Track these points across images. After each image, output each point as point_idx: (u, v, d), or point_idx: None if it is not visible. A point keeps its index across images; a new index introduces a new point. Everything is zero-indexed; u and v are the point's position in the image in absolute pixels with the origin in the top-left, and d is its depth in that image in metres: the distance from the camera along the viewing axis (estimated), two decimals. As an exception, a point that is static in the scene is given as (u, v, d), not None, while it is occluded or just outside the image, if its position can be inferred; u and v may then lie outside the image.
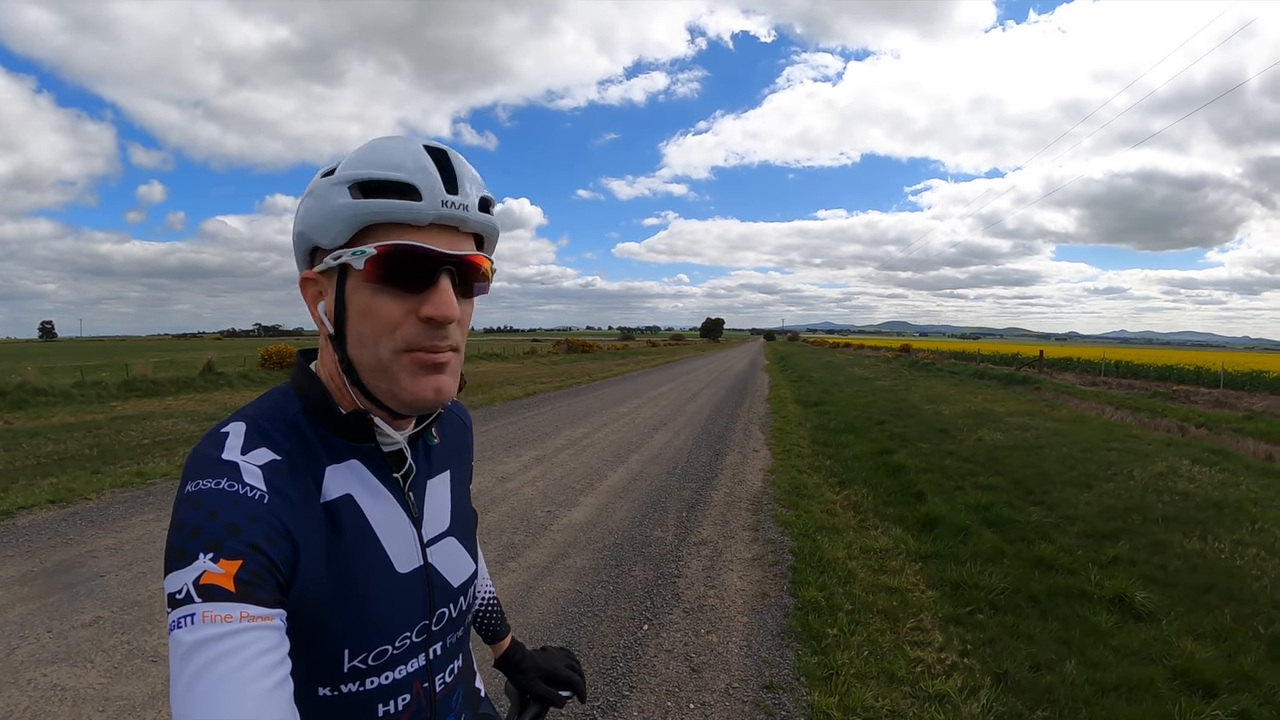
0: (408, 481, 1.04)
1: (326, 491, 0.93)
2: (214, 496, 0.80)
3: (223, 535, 0.77)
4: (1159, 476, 9.09)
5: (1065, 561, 5.62)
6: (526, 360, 43.55)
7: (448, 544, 1.09)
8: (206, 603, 0.72)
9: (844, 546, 6.04)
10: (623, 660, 4.06)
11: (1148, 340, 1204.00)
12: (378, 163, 0.88)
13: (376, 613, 0.95)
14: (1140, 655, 4.11)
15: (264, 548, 0.79)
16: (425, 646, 1.04)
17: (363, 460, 0.98)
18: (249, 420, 0.91)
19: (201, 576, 0.74)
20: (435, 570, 1.05)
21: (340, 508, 0.93)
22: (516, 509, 7.24)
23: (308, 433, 0.95)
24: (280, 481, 0.86)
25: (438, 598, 1.05)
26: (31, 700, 3.52)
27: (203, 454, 0.86)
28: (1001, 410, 16.86)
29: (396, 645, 0.98)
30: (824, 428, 13.77)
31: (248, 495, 0.81)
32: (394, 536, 0.99)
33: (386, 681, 0.97)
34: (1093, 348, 62.70)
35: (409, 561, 1.00)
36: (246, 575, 0.75)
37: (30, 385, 17.40)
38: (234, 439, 0.88)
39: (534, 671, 1.41)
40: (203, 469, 0.83)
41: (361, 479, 0.97)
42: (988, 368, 37.58)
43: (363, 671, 0.94)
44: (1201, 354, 49.14)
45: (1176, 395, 25.38)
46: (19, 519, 6.68)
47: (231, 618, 0.72)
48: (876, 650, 4.14)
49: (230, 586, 0.74)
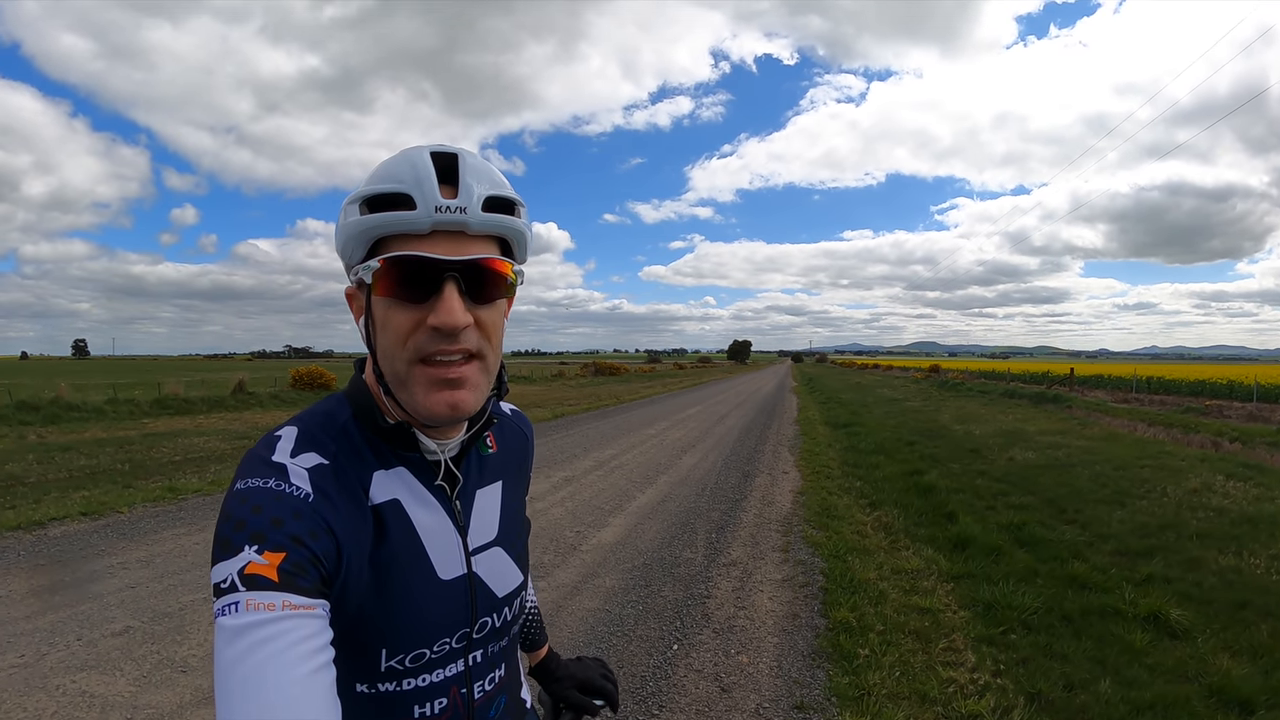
0: (454, 490, 1.06)
1: (374, 496, 0.96)
2: (260, 494, 0.84)
3: (267, 528, 0.81)
4: (1193, 493, 8.98)
5: (1099, 580, 5.56)
6: (554, 383, 43.64)
7: (494, 554, 1.10)
8: (250, 591, 0.76)
9: (875, 567, 6.01)
10: (652, 680, 4.08)
11: (1179, 355, 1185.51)
12: (382, 176, 0.92)
13: (415, 616, 0.97)
14: (1175, 673, 4.07)
15: (307, 541, 0.82)
16: (465, 653, 1.05)
17: (410, 468, 1.01)
18: (301, 425, 0.96)
19: (246, 567, 0.77)
20: (479, 579, 1.06)
21: (387, 511, 0.96)
22: (546, 529, 7.27)
23: (356, 439, 0.98)
24: (325, 484, 0.90)
25: (480, 606, 1.06)
26: (60, 706, 3.61)
27: (255, 455, 0.91)
28: (1033, 429, 16.71)
29: (435, 650, 1.00)
30: (854, 449, 13.70)
31: (292, 494, 0.86)
32: (439, 543, 1.01)
33: (423, 684, 1.00)
34: (1124, 364, 61.96)
35: (452, 569, 1.02)
36: (289, 566, 0.79)
37: (64, 401, 17.73)
38: (285, 443, 0.93)
39: (569, 680, 1.42)
40: (253, 469, 0.89)
41: (409, 485, 1.00)
42: (1018, 387, 37.20)
43: (399, 672, 0.97)
44: (1234, 367, 48.41)
45: (1209, 410, 25.01)
46: (51, 530, 6.84)
47: (274, 606, 0.75)
48: (908, 671, 4.12)
49: (274, 576, 0.77)
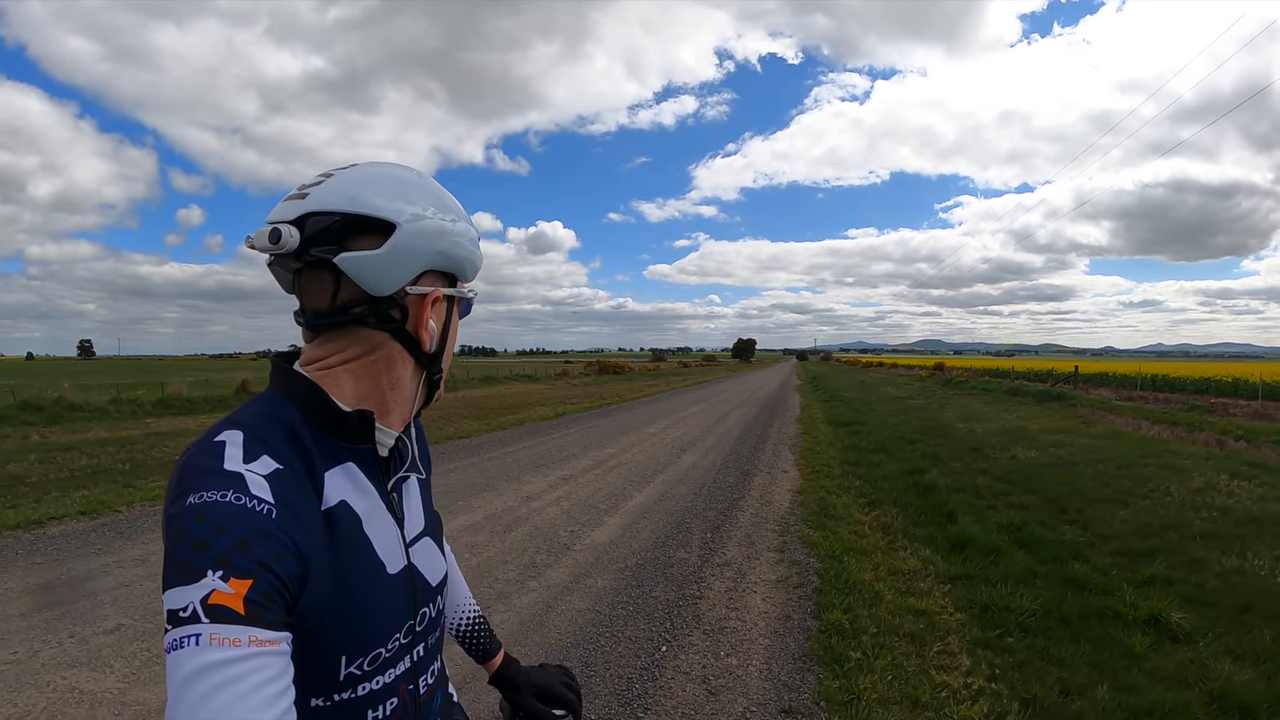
0: (392, 482, 1.04)
1: (326, 498, 0.92)
2: (221, 510, 0.77)
3: (232, 552, 0.74)
4: (1196, 492, 8.88)
5: (1099, 581, 5.47)
6: (558, 382, 43.65)
7: (425, 544, 1.11)
8: (215, 624, 0.70)
9: (871, 568, 5.92)
10: (639, 682, 4.00)
11: (1184, 353, 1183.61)
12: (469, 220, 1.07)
13: (373, 617, 0.95)
14: (1176, 679, 3.96)
15: (274, 567, 0.76)
16: (411, 648, 1.04)
17: (356, 461, 0.98)
18: (244, 428, 0.88)
19: (210, 595, 0.71)
20: (417, 570, 1.06)
21: (338, 514, 0.92)
22: (540, 528, 7.21)
23: (305, 438, 0.93)
24: (286, 492, 0.84)
25: (420, 597, 1.06)
26: (50, 702, 3.61)
27: (201, 464, 0.83)
28: (1036, 428, 16.62)
29: (388, 648, 0.98)
30: (855, 447, 13.61)
31: (255, 509, 0.79)
32: (383, 538, 0.99)
33: (377, 686, 0.97)
34: (1128, 362, 61.76)
35: (396, 562, 1.01)
36: (256, 596, 0.73)
37: (66, 401, 17.82)
38: (233, 448, 0.85)
39: (528, 689, 1.38)
40: (205, 480, 0.80)
41: (354, 482, 0.97)
42: (1022, 385, 37.10)
43: (357, 678, 0.94)
44: (1239, 365, 48.20)
45: (1214, 408, 24.84)
46: (49, 529, 6.86)
47: (240, 642, 0.70)
48: (901, 674, 4.03)
49: (240, 608, 0.72)
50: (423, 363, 1.03)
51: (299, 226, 0.92)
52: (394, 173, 1.00)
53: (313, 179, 0.97)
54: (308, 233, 0.91)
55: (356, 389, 0.97)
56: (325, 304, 0.96)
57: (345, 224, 0.92)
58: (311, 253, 0.92)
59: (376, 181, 0.96)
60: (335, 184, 0.94)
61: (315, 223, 0.92)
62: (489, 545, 6.56)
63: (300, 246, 0.91)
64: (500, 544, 6.61)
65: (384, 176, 0.98)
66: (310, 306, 0.98)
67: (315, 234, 0.91)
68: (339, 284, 0.94)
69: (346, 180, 0.95)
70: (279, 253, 0.92)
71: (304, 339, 1.02)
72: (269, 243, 0.91)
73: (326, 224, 0.92)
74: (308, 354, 1.00)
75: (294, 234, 0.91)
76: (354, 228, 0.92)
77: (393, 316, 0.97)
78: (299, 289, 0.99)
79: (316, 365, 0.97)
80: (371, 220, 0.93)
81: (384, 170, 0.99)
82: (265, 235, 0.91)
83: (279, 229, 0.90)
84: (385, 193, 0.95)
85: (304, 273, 0.97)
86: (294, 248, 0.91)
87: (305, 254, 0.92)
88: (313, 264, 0.94)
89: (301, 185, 0.96)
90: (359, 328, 0.96)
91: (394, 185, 0.97)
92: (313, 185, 0.95)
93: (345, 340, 0.97)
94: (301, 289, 0.99)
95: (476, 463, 11.39)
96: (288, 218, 0.92)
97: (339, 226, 0.92)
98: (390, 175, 0.99)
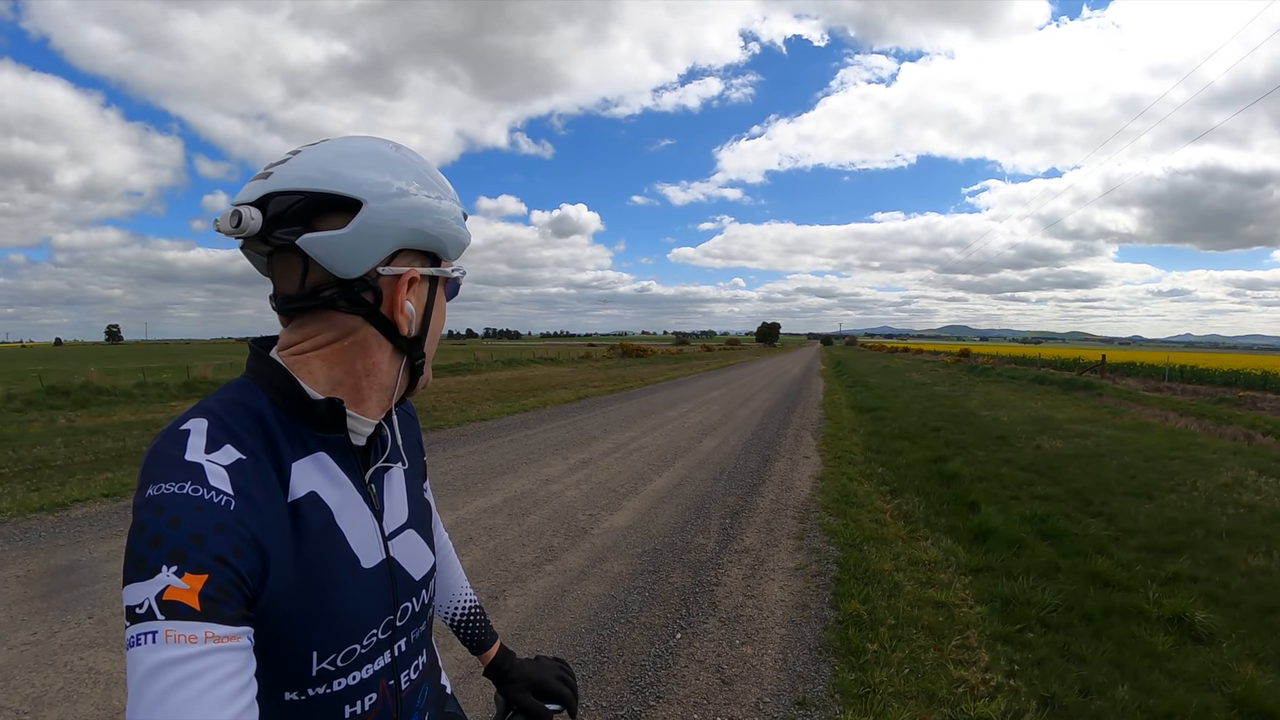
0: (369, 472, 1.01)
1: (293, 490, 0.89)
2: (177, 503, 0.75)
3: (187, 546, 0.72)
4: (1223, 487, 8.74)
5: (1122, 577, 5.39)
6: (581, 365, 43.64)
7: (408, 536, 1.07)
8: (170, 621, 0.69)
9: (891, 558, 5.88)
10: (651, 669, 4.00)
11: (1213, 344, 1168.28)
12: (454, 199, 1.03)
13: (345, 612, 0.92)
14: (1198, 681, 3.90)
15: (231, 560, 0.75)
16: (390, 643, 1.02)
17: (328, 451, 0.95)
18: (210, 416, 0.86)
19: (165, 591, 0.70)
20: (397, 563, 1.03)
21: (306, 506, 0.90)
22: (558, 512, 7.23)
23: (273, 426, 0.91)
24: (247, 483, 0.82)
25: (400, 592, 1.03)
26: (66, 681, 3.66)
27: (163, 454, 0.81)
28: (1061, 417, 16.44)
29: (364, 644, 0.95)
30: (878, 434, 13.52)
31: (213, 501, 0.77)
32: (358, 531, 0.96)
33: (354, 682, 0.95)
34: (1156, 352, 60.93)
35: (372, 556, 0.98)
36: (212, 591, 0.72)
37: (93, 385, 18.07)
38: (196, 437, 0.83)
39: (522, 682, 1.36)
40: (165, 471, 0.78)
41: (326, 472, 0.94)
42: (1048, 373, 36.73)
43: (331, 673, 0.92)
44: (1269, 358, 47.41)
45: (1243, 401, 24.46)
46: (73, 511, 6.95)
47: (196, 638, 0.69)
48: (918, 668, 4.00)
49: (195, 604, 0.70)
50: (401, 347, 0.98)
51: (262, 208, 0.88)
52: (366, 147, 0.95)
53: (280, 157, 0.92)
54: (270, 214, 0.88)
55: (329, 375, 0.94)
56: (295, 288, 0.92)
57: (309, 203, 0.88)
58: (275, 235, 0.88)
59: (346, 158, 0.91)
60: (300, 161, 0.90)
61: (278, 203, 0.88)
62: (507, 528, 6.58)
63: (264, 228, 0.88)
64: (518, 527, 6.63)
65: (355, 152, 0.93)
66: (281, 290, 0.95)
67: (278, 215, 0.88)
68: (307, 267, 0.90)
69: (313, 157, 0.91)
70: (242, 236, 0.89)
71: (280, 324, 0.98)
72: (230, 226, 0.88)
73: (289, 204, 0.88)
74: (283, 339, 0.97)
75: (255, 216, 0.87)
76: (319, 206, 0.88)
77: (365, 299, 0.93)
78: (271, 272, 0.96)
79: (290, 351, 0.95)
80: (337, 198, 0.88)
81: (355, 145, 0.95)
82: (228, 219, 0.88)
83: (239, 211, 0.87)
84: (354, 168, 0.90)
85: (274, 256, 0.94)
86: (256, 230, 0.88)
87: (269, 236, 0.89)
88: (280, 247, 0.90)
89: (268, 164, 0.92)
90: (331, 312, 0.93)
91: (365, 161, 0.92)
92: (278, 164, 0.91)
93: (318, 325, 0.94)
94: (273, 272, 0.95)
95: (497, 445, 11.43)
96: (250, 199, 0.88)
97: (302, 206, 0.88)
98: (362, 150, 0.94)
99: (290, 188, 0.88)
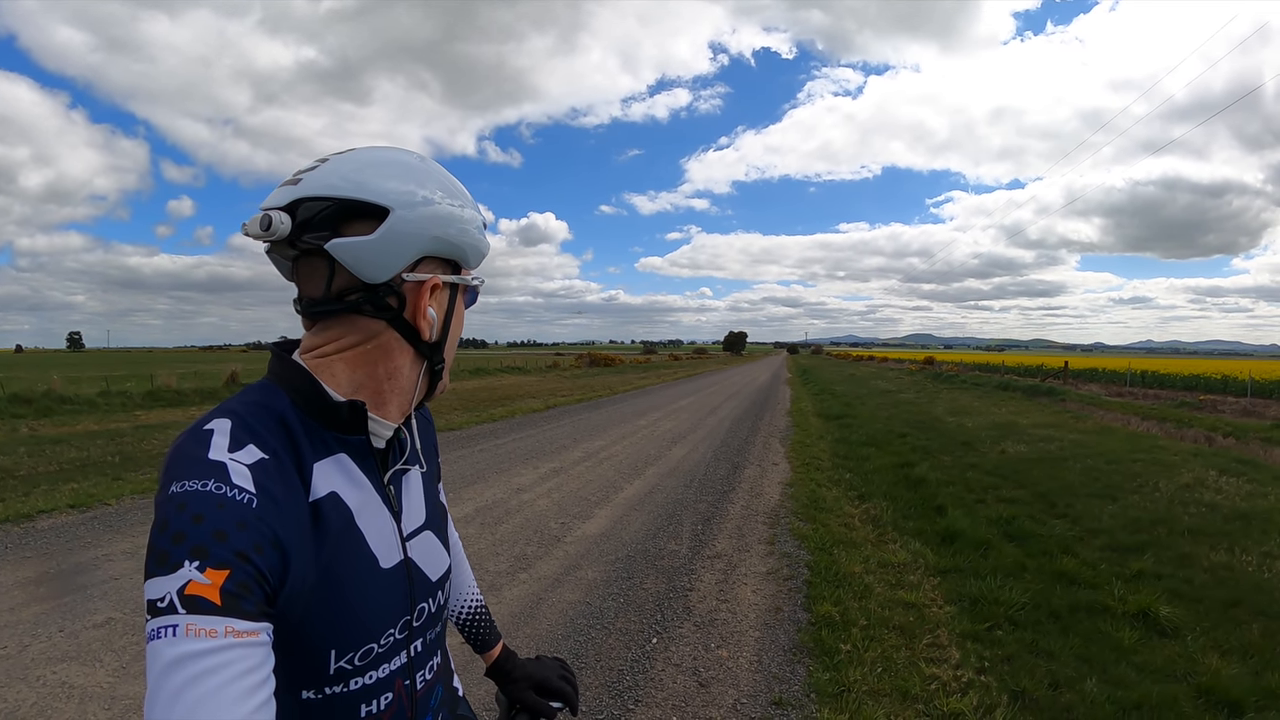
0: (388, 474, 1.02)
1: (315, 490, 0.90)
2: (200, 500, 0.76)
3: (209, 541, 0.73)
4: (1185, 488, 8.92)
5: (1088, 575, 5.49)
6: (548, 374, 43.49)
7: (425, 538, 1.08)
8: (191, 615, 0.69)
9: (861, 561, 5.93)
10: (629, 674, 4.00)
11: (1174, 350, 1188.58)
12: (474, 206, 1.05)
13: (364, 611, 0.93)
14: (1164, 673, 3.99)
15: (252, 557, 0.75)
16: (407, 643, 1.02)
17: (349, 453, 0.96)
18: (234, 415, 0.87)
19: (186, 586, 0.71)
20: (415, 565, 1.04)
21: (327, 506, 0.91)
22: (530, 520, 7.19)
23: (295, 427, 0.92)
24: (269, 482, 0.83)
25: (418, 592, 1.04)
26: (39, 696, 3.58)
27: (187, 452, 0.82)
28: (1025, 422, 16.66)
29: (381, 643, 0.96)
30: (845, 441, 13.64)
31: (236, 499, 0.78)
32: (377, 531, 0.97)
33: (370, 681, 0.96)
34: (1119, 358, 62.03)
35: (391, 556, 0.99)
36: (233, 587, 0.72)
37: (56, 394, 17.67)
38: (219, 436, 0.84)
39: (525, 681, 1.37)
40: (189, 469, 0.79)
41: (347, 473, 0.95)
42: (1012, 379, 37.24)
43: (349, 672, 0.92)
44: (1229, 362, 48.40)
45: (1203, 405, 24.99)
46: (39, 522, 6.80)
47: (216, 632, 0.69)
48: (890, 667, 4.04)
49: (216, 599, 0.71)
50: (423, 352, 1.00)
51: (291, 213, 0.90)
52: (393, 157, 0.97)
53: (309, 164, 0.94)
54: (300, 219, 0.90)
55: (352, 378, 0.96)
56: (320, 291, 0.94)
57: (338, 209, 0.90)
58: (304, 239, 0.90)
59: (373, 167, 0.94)
60: (330, 169, 0.92)
61: (308, 208, 0.90)
62: (479, 537, 6.54)
63: (293, 233, 0.90)
64: (491, 536, 6.60)
65: (382, 161, 0.95)
66: (306, 294, 0.96)
67: (307, 220, 0.90)
68: (334, 271, 0.92)
69: (341, 165, 0.93)
70: (271, 240, 0.91)
71: (303, 327, 1.00)
72: (260, 229, 0.89)
73: (319, 210, 0.90)
74: (306, 342, 0.98)
75: (285, 220, 0.89)
76: (347, 213, 0.90)
77: (389, 304, 0.95)
78: (296, 276, 0.98)
79: (313, 354, 0.96)
80: (365, 205, 0.90)
81: (382, 155, 0.97)
82: (257, 222, 0.90)
83: (270, 215, 0.89)
84: (381, 177, 0.92)
85: (300, 260, 0.95)
86: (285, 234, 0.90)
87: (298, 241, 0.90)
88: (307, 251, 0.92)
89: (297, 171, 0.94)
90: (355, 316, 0.94)
91: (391, 170, 0.94)
92: (307, 170, 0.93)
93: (341, 328, 0.95)
94: (298, 276, 0.97)
95: (467, 455, 11.35)
96: (280, 204, 0.90)
97: (331, 212, 0.90)
98: (388, 159, 0.96)
99: (319, 194, 0.90)
